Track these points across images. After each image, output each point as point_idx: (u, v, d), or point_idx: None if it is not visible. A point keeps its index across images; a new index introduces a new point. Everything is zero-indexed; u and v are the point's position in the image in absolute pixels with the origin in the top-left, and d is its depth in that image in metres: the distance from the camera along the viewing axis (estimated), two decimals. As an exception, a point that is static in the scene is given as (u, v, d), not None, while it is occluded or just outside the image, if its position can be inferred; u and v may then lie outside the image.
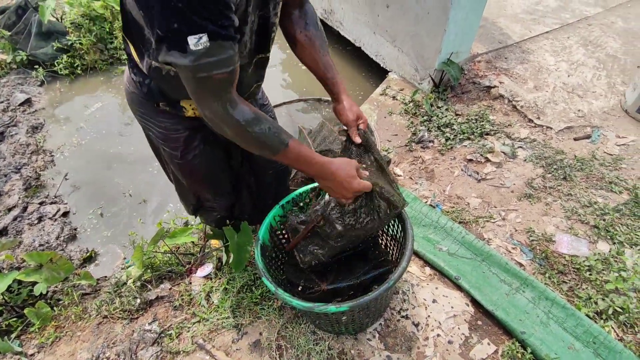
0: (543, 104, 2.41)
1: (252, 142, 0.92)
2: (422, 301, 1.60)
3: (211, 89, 0.81)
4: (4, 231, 2.19)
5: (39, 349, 1.60)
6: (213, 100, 0.83)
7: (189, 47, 0.71)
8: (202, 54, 0.72)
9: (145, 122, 1.20)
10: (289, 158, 0.98)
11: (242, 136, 0.91)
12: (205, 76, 0.77)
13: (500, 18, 3.11)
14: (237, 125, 0.87)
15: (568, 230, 1.81)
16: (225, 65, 0.78)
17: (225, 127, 0.88)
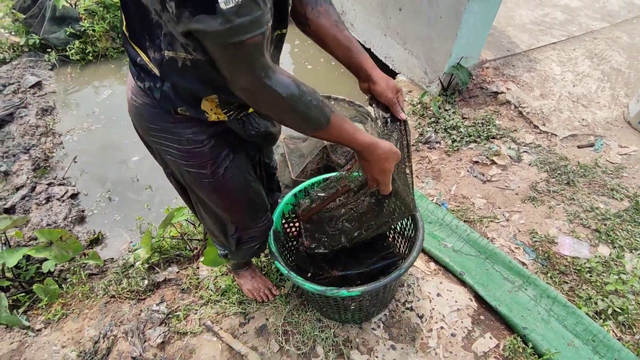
0: (548, 112, 2.47)
1: (293, 117, 0.81)
2: (426, 294, 1.64)
3: (245, 56, 0.69)
4: (12, 209, 2.21)
5: (45, 324, 1.61)
6: (248, 70, 0.71)
7: (219, 5, 0.60)
8: (235, 12, 0.61)
9: (161, 142, 0.98)
10: (330, 134, 0.86)
11: (282, 110, 0.79)
12: (238, 41, 0.65)
13: (509, 27, 3.17)
14: (278, 98, 0.76)
15: (570, 233, 1.85)
16: (258, 26, 0.66)
17: (264, 99, 0.77)
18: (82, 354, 1.47)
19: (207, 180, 1.04)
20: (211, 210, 1.18)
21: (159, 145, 0.99)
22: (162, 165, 1.13)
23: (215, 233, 1.32)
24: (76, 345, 1.51)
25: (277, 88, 0.75)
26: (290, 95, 0.77)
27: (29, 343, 1.53)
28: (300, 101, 0.78)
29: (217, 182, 1.05)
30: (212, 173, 1.03)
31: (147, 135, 0.99)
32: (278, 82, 0.75)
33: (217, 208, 1.16)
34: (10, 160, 2.51)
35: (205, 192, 1.09)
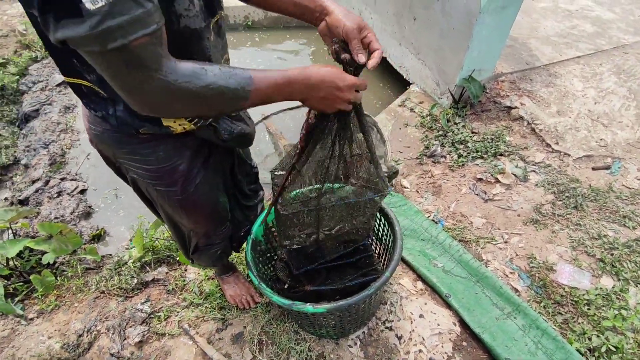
0: (564, 130, 2.34)
1: (215, 100, 0.69)
2: (408, 314, 1.59)
3: (135, 64, 0.58)
4: (25, 201, 2.33)
5: (38, 314, 1.69)
6: (144, 80, 0.60)
7: (84, 5, 0.51)
8: (106, 13, 0.52)
9: (129, 163, 0.94)
10: (260, 92, 0.73)
11: (208, 99, 0.68)
12: (120, 46, 0.55)
13: (531, 39, 3.04)
14: (190, 93, 0.65)
15: (572, 260, 1.74)
16: (143, 25, 0.56)
17: (176, 104, 0.66)
18: (65, 345, 1.53)
19: (176, 197, 1.02)
20: (173, 221, 1.18)
21: (127, 165, 0.96)
22: (132, 185, 1.08)
23: (176, 240, 1.33)
24: (61, 337, 1.57)
25: (183, 86, 0.64)
26: (200, 85, 0.65)
27: (19, 331, 1.61)
28: (211, 83, 0.67)
29: (185, 198, 1.03)
30: (182, 190, 1.01)
31: (114, 157, 0.96)
32: (182, 78, 0.63)
33: (181, 220, 1.15)
34: (30, 154, 2.66)
35: (172, 207, 1.08)
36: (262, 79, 0.72)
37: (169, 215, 1.15)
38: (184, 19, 0.73)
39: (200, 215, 1.14)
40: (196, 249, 1.32)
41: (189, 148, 0.97)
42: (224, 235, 1.31)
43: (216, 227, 1.25)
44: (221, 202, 1.18)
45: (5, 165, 2.58)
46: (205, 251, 1.32)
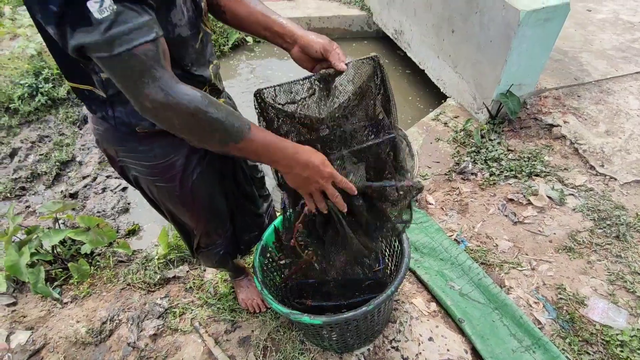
0: (611, 151, 2.15)
1: (209, 130, 0.74)
2: (417, 336, 1.53)
3: (138, 68, 0.65)
4: (75, 195, 2.57)
5: (72, 299, 1.84)
6: (146, 84, 0.66)
7: (93, 15, 0.59)
8: (112, 21, 0.60)
9: (130, 160, 1.00)
10: (253, 144, 0.78)
11: (196, 122, 0.72)
12: (126, 51, 0.63)
13: (583, 53, 2.84)
14: (187, 109, 0.70)
15: (607, 295, 1.59)
16: (144, 33, 0.64)
17: (172, 115, 0.70)
18: (90, 331, 1.66)
19: (176, 193, 1.08)
20: (175, 219, 1.24)
21: (129, 163, 1.01)
22: (131, 183, 1.13)
23: (181, 238, 1.38)
24: (88, 322, 1.71)
25: (182, 99, 0.69)
26: (199, 105, 0.71)
27: (54, 313, 1.77)
28: (211, 110, 0.72)
29: (184, 194, 1.08)
30: (180, 186, 1.06)
31: (117, 155, 1.01)
32: (182, 93, 0.69)
33: (182, 217, 1.21)
34: (85, 152, 2.93)
35: (172, 203, 1.14)
36: (258, 133, 0.79)
37: (172, 213, 1.21)
38: (177, 27, 0.82)
39: (199, 212, 1.18)
40: (198, 248, 1.36)
41: (185, 145, 1.01)
42: (225, 236, 1.33)
43: (216, 226, 1.28)
44: (220, 201, 1.21)
45: (64, 161, 2.86)
46: (206, 251, 1.36)
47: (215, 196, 1.19)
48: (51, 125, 3.08)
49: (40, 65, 3.24)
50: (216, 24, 3.90)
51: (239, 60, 3.92)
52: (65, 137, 3.03)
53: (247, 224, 1.43)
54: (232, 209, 1.32)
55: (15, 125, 3.04)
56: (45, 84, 3.17)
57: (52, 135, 3.02)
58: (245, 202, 1.38)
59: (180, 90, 0.69)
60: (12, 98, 3.07)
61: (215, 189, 1.18)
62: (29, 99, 3.12)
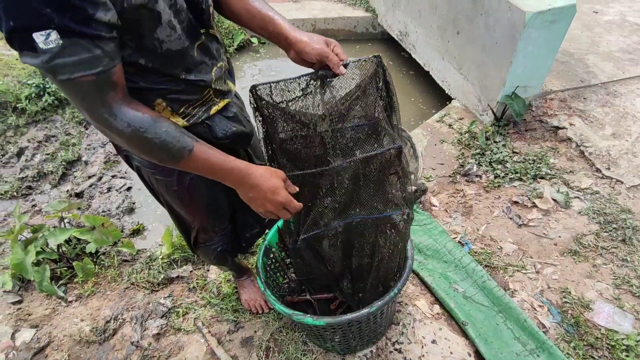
0: (618, 154, 2.13)
1: (149, 149, 0.79)
2: (420, 338, 1.53)
3: (83, 94, 0.70)
4: (81, 194, 2.59)
5: (77, 298, 1.85)
6: (88, 109, 0.72)
7: (38, 45, 0.62)
8: (56, 53, 0.63)
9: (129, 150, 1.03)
10: (196, 164, 0.83)
11: (136, 144, 0.78)
12: (68, 79, 0.66)
13: (589, 55, 2.82)
14: (127, 132, 0.75)
15: (612, 300, 1.57)
16: (89, 67, 0.66)
17: (115, 136, 0.76)
18: (94, 329, 1.67)
19: (174, 188, 1.09)
20: (173, 210, 1.24)
21: (131, 153, 1.03)
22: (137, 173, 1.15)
23: (179, 227, 1.37)
24: (92, 321, 1.71)
25: (120, 125, 0.74)
26: (138, 130, 0.75)
27: (59, 311, 1.78)
28: (152, 134, 0.77)
29: (182, 190, 1.10)
30: (178, 181, 1.07)
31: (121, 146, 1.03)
32: (122, 119, 0.73)
33: (180, 210, 1.21)
34: (90, 152, 2.95)
35: (171, 197, 1.15)
36: (201, 154, 0.83)
37: (170, 206, 1.21)
38: (165, 43, 0.81)
39: (197, 208, 1.19)
40: (196, 243, 1.36)
41: None
42: (223, 233, 1.33)
43: (214, 223, 1.28)
44: (219, 198, 1.21)
45: (70, 160, 2.88)
46: (204, 247, 1.36)
47: (215, 194, 1.19)
48: (58, 125, 3.11)
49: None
50: (222, 24, 3.92)
51: (244, 62, 3.94)
52: (72, 136, 3.06)
53: (249, 222, 1.42)
54: (234, 206, 1.31)
55: (22, 125, 3.07)
56: (52, 84, 3.20)
57: (59, 134, 3.05)
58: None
59: (121, 116, 0.74)
60: (19, 98, 3.10)
61: (216, 187, 1.16)
62: (36, 99, 3.15)
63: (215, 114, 1.02)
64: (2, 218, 2.46)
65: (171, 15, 0.80)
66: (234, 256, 1.45)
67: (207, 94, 0.97)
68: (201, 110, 0.97)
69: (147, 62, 0.81)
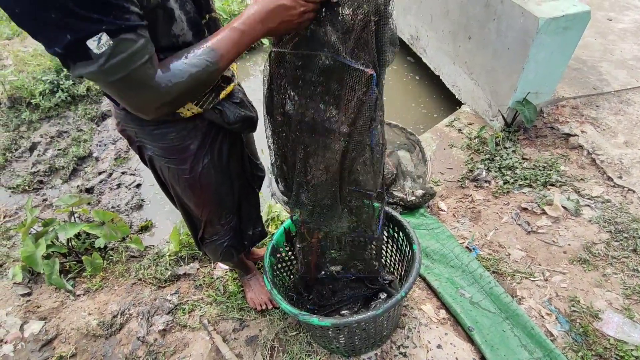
0: (630, 163, 2.10)
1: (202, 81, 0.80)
2: (425, 343, 1.52)
3: (136, 85, 0.72)
4: (91, 190, 2.62)
5: (85, 292, 1.87)
6: (143, 95, 0.74)
7: (92, 51, 0.64)
8: (110, 54, 0.66)
9: (147, 141, 1.05)
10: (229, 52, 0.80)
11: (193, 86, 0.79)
12: (124, 75, 0.70)
13: (602, 62, 2.80)
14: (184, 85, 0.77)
15: (622, 310, 1.55)
16: (139, 57, 0.70)
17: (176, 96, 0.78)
18: (101, 324, 1.68)
19: (185, 176, 1.11)
20: (183, 204, 1.25)
21: (146, 143, 1.06)
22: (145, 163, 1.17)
23: (187, 226, 1.39)
24: (99, 315, 1.73)
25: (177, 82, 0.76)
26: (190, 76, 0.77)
27: (67, 305, 1.80)
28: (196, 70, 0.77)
29: (193, 178, 1.12)
30: (190, 169, 1.10)
31: (134, 136, 1.06)
32: (173, 76, 0.75)
33: (189, 202, 1.22)
34: (101, 148, 2.99)
35: (181, 187, 1.16)
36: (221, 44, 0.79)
37: (179, 197, 1.23)
38: (180, 37, 0.87)
39: (206, 198, 1.20)
40: (203, 240, 1.38)
41: (199, 130, 1.06)
42: (228, 227, 1.34)
43: (221, 215, 1.29)
44: (227, 190, 1.24)
45: (82, 156, 2.92)
46: (210, 243, 1.37)
47: (222, 184, 1.21)
48: (70, 121, 3.16)
49: (61, 63, 3.32)
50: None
51: (255, 63, 3.97)
52: (83, 133, 3.10)
53: (252, 218, 1.44)
54: (239, 200, 1.33)
55: (35, 120, 3.12)
56: (65, 80, 3.25)
57: (71, 130, 3.09)
58: (251, 193, 1.39)
59: (170, 75, 0.75)
60: (33, 94, 3.16)
61: (223, 178, 1.21)
62: (49, 95, 3.20)
63: (224, 100, 1.06)
64: (13, 211, 2.50)
65: (179, 9, 0.84)
66: (239, 253, 1.46)
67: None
68: (211, 96, 1.01)
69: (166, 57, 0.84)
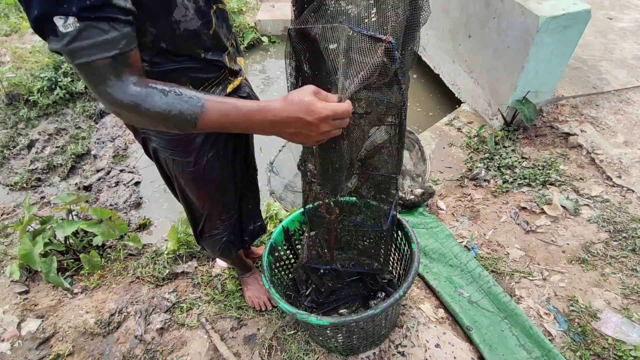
0: (630, 163, 2.10)
1: (158, 120, 0.74)
2: (424, 342, 1.51)
3: (96, 77, 0.70)
4: (89, 187, 2.61)
5: (82, 290, 1.87)
6: (102, 90, 0.71)
7: (59, 29, 0.65)
8: (74, 36, 0.65)
9: (152, 133, 1.05)
10: (212, 120, 0.74)
11: (143, 118, 0.73)
12: (85, 62, 0.68)
13: (602, 62, 2.79)
14: (135, 105, 0.71)
15: (621, 310, 1.55)
16: (105, 49, 0.68)
17: (125, 112, 0.73)
18: (98, 322, 1.68)
19: (189, 169, 1.11)
20: (185, 197, 1.26)
21: (152, 135, 1.05)
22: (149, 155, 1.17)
23: (188, 219, 1.38)
24: (97, 313, 1.73)
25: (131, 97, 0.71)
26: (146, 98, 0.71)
27: (64, 303, 1.80)
28: (159, 99, 0.72)
29: (197, 171, 1.12)
30: (195, 162, 1.10)
31: (140, 128, 1.05)
32: (131, 94, 0.71)
33: (191, 195, 1.23)
34: (100, 146, 2.98)
35: (185, 179, 1.16)
36: (215, 109, 0.73)
37: (182, 189, 1.23)
38: (182, 24, 0.85)
39: (209, 191, 1.21)
40: (202, 233, 1.39)
41: None
42: (228, 223, 1.35)
43: (221, 210, 1.30)
44: (229, 184, 1.24)
45: (80, 154, 2.91)
46: (209, 237, 1.38)
47: (226, 179, 1.22)
48: (68, 119, 3.14)
49: (60, 59, 3.30)
50: (232, 22, 3.93)
51: (254, 60, 3.95)
52: (81, 130, 3.09)
53: (252, 213, 1.44)
54: (240, 195, 1.34)
55: (33, 118, 3.11)
56: (64, 77, 3.23)
57: (69, 128, 3.08)
58: (253, 188, 1.40)
59: (127, 94, 0.71)
60: (31, 91, 3.14)
61: (227, 173, 1.21)
62: (47, 92, 3.18)
63: (231, 94, 1.06)
64: (11, 209, 2.49)
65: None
66: (237, 250, 1.46)
67: (223, 73, 1.02)
68: (218, 89, 1.02)
69: (167, 45, 0.85)
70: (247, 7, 4.32)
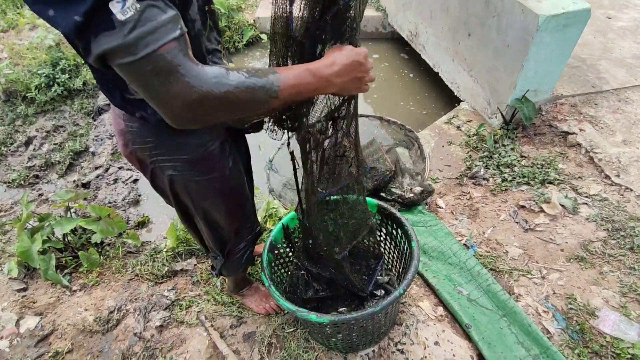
0: (628, 161, 2.11)
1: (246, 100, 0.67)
2: (423, 339, 1.52)
3: (165, 69, 0.59)
4: (87, 185, 2.60)
5: (81, 287, 1.86)
6: (174, 84, 0.61)
7: (116, 17, 0.55)
8: (136, 21, 0.56)
9: (165, 158, 0.97)
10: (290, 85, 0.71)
11: (230, 103, 0.66)
12: (150, 53, 0.58)
13: (601, 61, 2.79)
14: (217, 93, 0.63)
15: (619, 308, 1.56)
16: (169, 30, 0.59)
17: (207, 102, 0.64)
18: (97, 319, 1.68)
19: (216, 184, 1.07)
20: (211, 222, 1.21)
21: (164, 162, 0.98)
22: (165, 193, 1.12)
23: (211, 245, 1.35)
24: (96, 311, 1.72)
25: (215, 82, 0.63)
26: (232, 80, 0.65)
27: (63, 300, 1.79)
28: (242, 78, 0.66)
29: (223, 183, 1.08)
30: (220, 175, 1.06)
31: (148, 157, 0.98)
32: (212, 75, 0.63)
33: (218, 213, 1.18)
34: (98, 143, 2.96)
35: (212, 198, 1.11)
36: (288, 73, 0.72)
37: (207, 213, 1.17)
38: (196, 22, 0.82)
39: (236, 202, 1.20)
40: (229, 254, 1.37)
41: (219, 131, 1.03)
42: (251, 230, 1.35)
43: (246, 220, 1.31)
44: (247, 190, 1.24)
45: (78, 151, 2.90)
46: (235, 254, 1.37)
47: (244, 186, 1.21)
48: (66, 116, 3.13)
49: (57, 56, 3.28)
50: (231, 19, 3.92)
51: (253, 57, 3.94)
52: (80, 127, 3.08)
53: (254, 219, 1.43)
54: None
55: (31, 114, 3.09)
56: (62, 74, 3.21)
57: (67, 125, 3.07)
58: (252, 193, 1.39)
59: (208, 76, 0.63)
60: (29, 87, 3.12)
61: (243, 179, 1.20)
62: (45, 89, 3.17)
63: None
64: (9, 206, 2.48)
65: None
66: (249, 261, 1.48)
67: None
68: None
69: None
70: (246, 4, 4.31)
